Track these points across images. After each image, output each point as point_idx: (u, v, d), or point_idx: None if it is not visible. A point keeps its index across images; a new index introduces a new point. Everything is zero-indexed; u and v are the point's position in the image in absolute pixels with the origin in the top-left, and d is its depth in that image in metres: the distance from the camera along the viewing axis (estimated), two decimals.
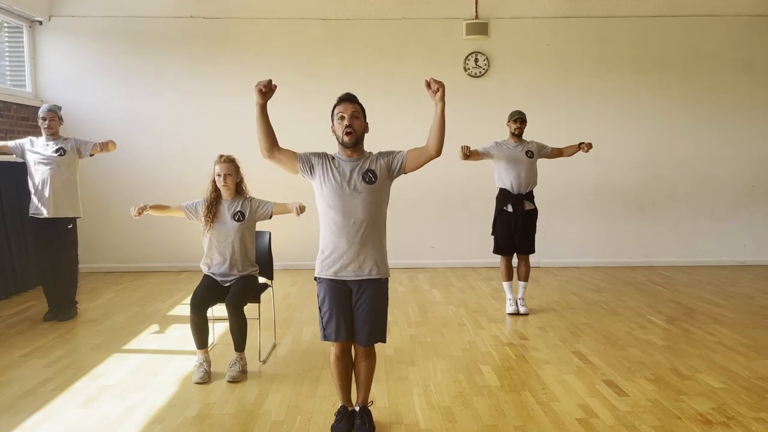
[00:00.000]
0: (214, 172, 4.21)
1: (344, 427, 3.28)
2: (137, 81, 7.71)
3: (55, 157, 5.42)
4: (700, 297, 6.30)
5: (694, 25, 7.88)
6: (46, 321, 5.46)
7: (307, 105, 7.80)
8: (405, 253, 7.93)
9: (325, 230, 3.14)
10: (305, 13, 7.74)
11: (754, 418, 3.42)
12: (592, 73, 7.87)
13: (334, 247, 3.10)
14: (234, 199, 4.26)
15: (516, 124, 5.56)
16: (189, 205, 4.27)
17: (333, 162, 3.14)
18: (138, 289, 6.76)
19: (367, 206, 3.08)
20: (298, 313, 5.81)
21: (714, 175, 8.04)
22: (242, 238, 4.25)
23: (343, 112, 3.13)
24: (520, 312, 5.65)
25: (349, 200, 3.06)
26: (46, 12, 7.52)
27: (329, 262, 3.13)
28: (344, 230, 3.06)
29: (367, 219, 3.08)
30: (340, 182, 3.07)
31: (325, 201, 3.10)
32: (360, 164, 3.12)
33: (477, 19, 7.64)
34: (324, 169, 3.11)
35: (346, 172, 3.09)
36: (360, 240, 3.08)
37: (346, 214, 3.06)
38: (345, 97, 3.21)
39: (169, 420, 3.48)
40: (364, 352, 3.25)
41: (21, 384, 4.00)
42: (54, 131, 5.49)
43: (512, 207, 5.53)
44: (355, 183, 3.07)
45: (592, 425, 3.36)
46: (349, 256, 3.09)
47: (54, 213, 5.43)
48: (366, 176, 3.09)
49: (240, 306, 4.16)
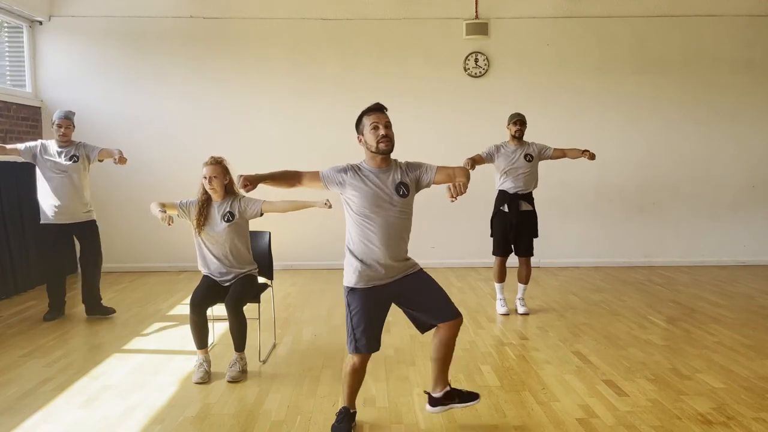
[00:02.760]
0: (203, 174, 4.19)
1: (345, 427, 3.28)
2: (137, 81, 7.71)
3: (70, 164, 5.42)
4: (700, 297, 6.30)
5: (694, 25, 7.88)
6: (46, 321, 5.47)
7: (307, 105, 7.81)
8: None
9: (359, 241, 3.13)
10: (305, 13, 7.74)
11: (754, 418, 3.42)
12: (592, 73, 7.87)
13: (371, 258, 3.12)
14: (224, 200, 4.24)
15: (516, 127, 5.51)
16: (183, 204, 4.24)
17: (362, 173, 3.15)
18: (138, 289, 6.76)
19: (402, 217, 3.15)
20: (298, 313, 5.80)
21: (714, 175, 8.04)
22: (233, 239, 4.22)
23: (377, 122, 3.13)
24: (519, 312, 5.64)
25: (385, 212, 3.10)
26: (46, 12, 7.52)
27: (366, 274, 3.13)
28: (381, 241, 3.10)
29: (402, 229, 3.16)
30: (375, 194, 3.10)
31: (359, 213, 3.11)
32: (392, 175, 3.15)
33: (477, 19, 7.64)
34: (356, 182, 3.12)
35: (380, 184, 3.12)
36: (396, 249, 3.14)
37: (383, 225, 3.10)
38: (376, 107, 3.20)
39: (169, 420, 3.48)
40: (455, 325, 3.25)
41: (21, 384, 4.00)
42: (68, 138, 5.47)
43: (508, 207, 5.52)
44: (390, 195, 3.11)
45: (592, 425, 3.36)
46: (386, 264, 3.13)
47: (71, 219, 5.45)
48: (399, 189, 3.14)
49: (239, 306, 4.16)
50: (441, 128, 7.71)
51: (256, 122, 7.80)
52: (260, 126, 7.80)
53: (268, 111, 7.82)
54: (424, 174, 3.20)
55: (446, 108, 7.79)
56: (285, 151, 7.76)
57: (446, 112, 7.78)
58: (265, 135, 7.78)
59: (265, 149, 7.71)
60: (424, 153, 7.82)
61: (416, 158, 3.32)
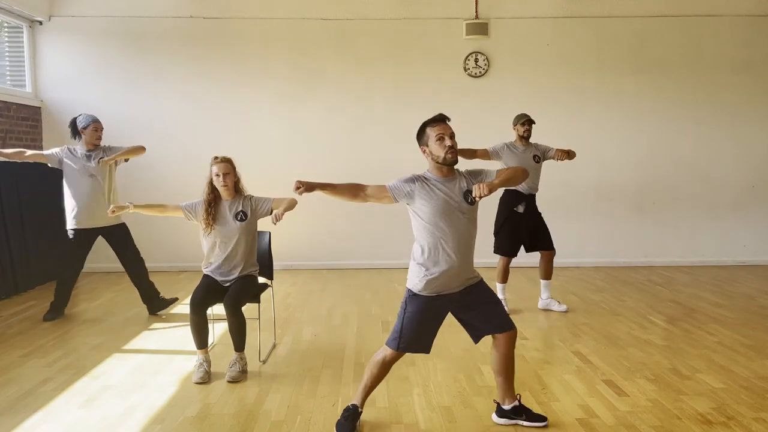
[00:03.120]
0: (212, 173, 4.19)
1: (350, 425, 3.29)
2: (137, 81, 7.71)
3: (99, 168, 5.45)
4: (700, 297, 6.30)
5: (694, 25, 7.87)
6: (46, 321, 5.48)
7: (307, 105, 7.81)
8: (405, 253, 7.89)
9: (430, 250, 3.16)
10: (305, 13, 7.74)
11: (754, 418, 3.42)
12: (592, 73, 7.87)
13: (441, 267, 3.15)
14: (234, 199, 4.25)
15: (525, 127, 5.48)
16: (188, 206, 4.26)
17: (430, 183, 3.18)
18: None
19: (471, 225, 3.20)
20: (298, 313, 5.81)
21: (714, 175, 8.04)
22: (246, 238, 4.25)
23: (442, 133, 3.19)
24: (560, 310, 5.66)
25: (456, 221, 3.14)
26: (46, 12, 7.52)
27: (435, 283, 3.16)
28: (453, 249, 3.14)
29: (470, 237, 3.20)
30: (446, 203, 3.14)
31: (430, 222, 3.14)
32: (458, 183, 3.19)
33: (477, 19, 7.64)
34: (425, 193, 3.15)
35: (449, 192, 3.15)
36: (466, 257, 3.19)
37: (454, 234, 3.14)
38: (440, 118, 3.27)
39: (169, 420, 3.48)
40: (512, 336, 3.30)
41: (21, 384, 4.00)
42: (101, 141, 5.52)
43: (524, 208, 5.50)
44: (459, 203, 3.15)
45: (592, 425, 3.37)
46: (455, 274, 3.17)
47: (99, 223, 5.48)
48: (467, 197, 3.17)
49: (238, 306, 4.16)
50: None
51: (256, 122, 7.80)
52: (260, 126, 7.80)
53: (268, 111, 7.82)
54: (486, 179, 3.23)
55: (446, 108, 7.67)
56: (285, 151, 7.77)
57: (446, 112, 7.69)
58: (265, 135, 7.78)
59: (265, 149, 7.71)
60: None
61: (415, 157, 3.33)
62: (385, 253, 7.91)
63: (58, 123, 7.67)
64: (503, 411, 3.41)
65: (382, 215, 7.76)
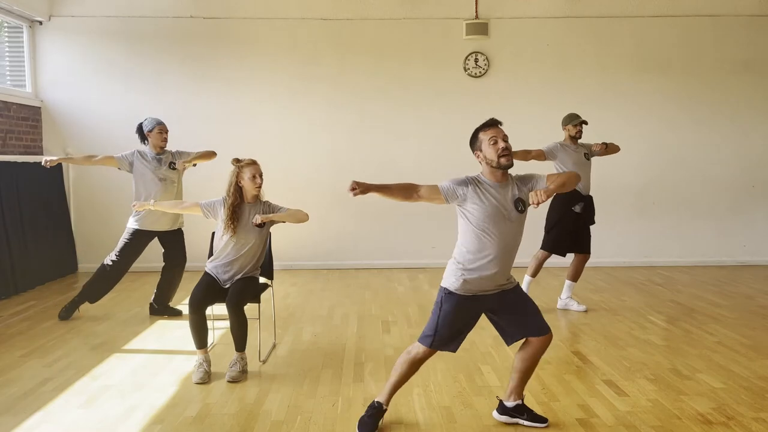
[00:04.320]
0: (242, 176, 4.15)
1: (373, 423, 3.31)
2: (137, 81, 7.71)
3: (171, 171, 5.46)
4: (700, 297, 6.30)
5: (694, 25, 7.88)
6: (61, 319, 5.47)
7: (308, 105, 7.81)
8: (405, 253, 7.93)
9: (473, 252, 3.18)
10: (305, 13, 7.74)
11: (754, 418, 3.42)
12: (592, 74, 7.87)
13: (481, 270, 3.17)
14: (255, 203, 4.25)
15: (577, 128, 5.55)
16: (207, 204, 4.26)
17: (483, 187, 3.19)
18: (138, 289, 6.75)
19: (517, 233, 3.22)
20: (298, 313, 5.81)
21: (714, 175, 8.04)
22: (259, 243, 4.27)
23: (495, 136, 3.19)
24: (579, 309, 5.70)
25: (504, 227, 3.16)
26: (46, 12, 7.52)
27: (472, 284, 3.18)
28: (496, 255, 3.16)
29: (514, 245, 3.22)
30: (497, 209, 3.15)
31: (478, 226, 3.15)
32: (510, 190, 3.20)
33: (477, 19, 7.65)
34: (478, 196, 3.16)
35: (501, 199, 3.17)
36: (507, 264, 3.22)
37: (500, 241, 3.16)
38: (493, 122, 3.27)
39: (169, 420, 3.48)
40: (547, 340, 3.31)
41: (21, 384, 4.00)
42: (166, 144, 5.51)
43: (581, 209, 5.56)
44: (510, 211, 3.17)
45: (592, 425, 3.37)
46: (494, 277, 3.19)
47: (170, 226, 5.50)
48: (518, 205, 3.20)
49: (240, 306, 4.16)
50: (441, 128, 7.69)
51: (257, 122, 7.80)
52: (260, 126, 7.80)
53: (268, 111, 7.82)
54: (537, 184, 3.24)
55: (446, 108, 7.79)
56: (285, 151, 7.77)
57: (446, 112, 7.77)
58: (265, 135, 7.78)
59: (265, 149, 7.67)
60: (424, 153, 7.86)
61: (416, 157, 3.33)
62: (385, 253, 7.92)
63: (58, 123, 7.68)
64: (505, 408, 3.41)
65: (382, 215, 7.77)
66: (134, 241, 5.49)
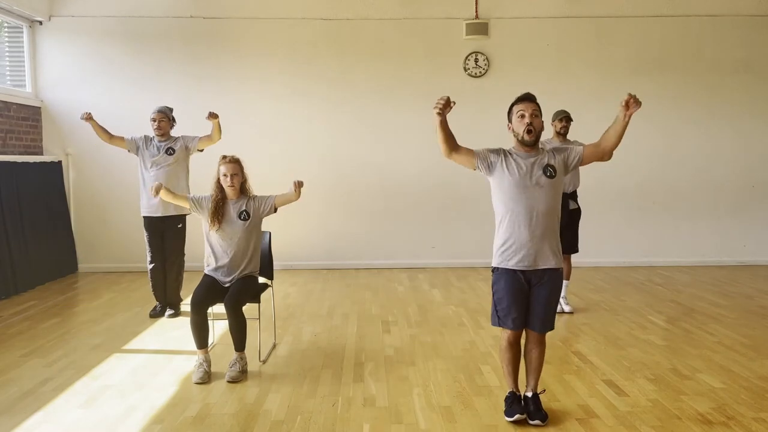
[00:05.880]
0: (219, 172, 4.23)
1: (517, 409, 3.36)
2: (137, 81, 7.71)
3: (166, 157, 5.49)
4: (700, 297, 6.30)
5: (694, 25, 7.88)
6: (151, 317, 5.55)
7: (307, 105, 7.81)
8: (405, 253, 7.93)
9: (505, 223, 3.26)
10: (305, 13, 7.74)
11: (754, 418, 3.42)
12: (591, 73, 7.87)
13: (515, 239, 3.24)
14: (238, 199, 4.28)
15: (562, 123, 5.50)
16: (195, 198, 4.33)
17: (512, 157, 3.27)
18: (138, 289, 6.75)
19: (548, 199, 3.24)
20: (298, 313, 5.80)
21: (714, 175, 8.04)
22: (248, 238, 4.28)
23: (524, 111, 3.27)
24: (565, 311, 5.64)
25: (531, 194, 3.21)
26: (46, 12, 7.52)
27: (509, 254, 3.26)
28: (526, 223, 3.21)
29: (547, 211, 3.24)
30: (523, 176, 3.22)
31: (507, 195, 3.24)
32: (539, 159, 3.26)
33: (477, 19, 7.65)
34: (504, 165, 3.25)
35: (527, 167, 3.23)
36: (541, 232, 3.23)
37: (529, 207, 3.21)
38: (525, 97, 3.35)
39: (169, 420, 3.48)
40: (538, 338, 3.38)
41: (21, 384, 4.00)
42: (164, 132, 5.54)
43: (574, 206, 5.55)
44: (537, 177, 3.22)
45: (592, 425, 3.36)
46: (530, 247, 3.23)
47: (164, 212, 5.51)
48: (547, 170, 3.25)
49: (239, 306, 4.16)
50: None
51: (256, 122, 7.79)
52: (260, 125, 7.80)
53: (268, 111, 7.82)
54: (572, 154, 3.33)
55: None
56: (285, 151, 7.76)
57: None
58: (265, 135, 7.78)
59: (265, 149, 7.70)
60: (424, 153, 7.86)
61: (416, 157, 3.33)
62: (385, 253, 7.91)
63: (58, 123, 7.68)
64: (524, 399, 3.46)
65: (382, 215, 7.77)
66: (148, 230, 5.60)
